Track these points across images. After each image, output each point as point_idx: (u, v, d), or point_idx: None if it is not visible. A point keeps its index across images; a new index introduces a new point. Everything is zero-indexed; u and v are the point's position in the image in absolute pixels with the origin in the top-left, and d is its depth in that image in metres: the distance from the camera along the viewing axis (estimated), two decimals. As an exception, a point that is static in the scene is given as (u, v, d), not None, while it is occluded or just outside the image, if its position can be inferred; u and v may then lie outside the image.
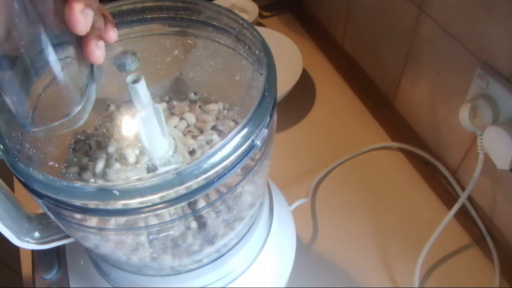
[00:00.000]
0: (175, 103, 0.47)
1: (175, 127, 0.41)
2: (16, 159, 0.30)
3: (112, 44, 0.32)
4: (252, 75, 0.41)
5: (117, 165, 0.38)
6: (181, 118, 0.43)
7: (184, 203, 0.32)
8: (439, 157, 0.67)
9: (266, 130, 0.33)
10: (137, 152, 0.38)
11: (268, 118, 0.34)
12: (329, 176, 0.70)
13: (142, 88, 0.33)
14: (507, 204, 0.55)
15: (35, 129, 0.29)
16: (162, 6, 0.41)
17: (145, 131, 0.35)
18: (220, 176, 0.31)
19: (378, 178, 0.69)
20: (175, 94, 0.49)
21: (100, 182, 0.38)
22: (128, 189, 0.29)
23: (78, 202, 0.32)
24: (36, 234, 0.40)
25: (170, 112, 0.44)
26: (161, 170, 0.37)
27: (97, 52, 0.29)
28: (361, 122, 0.77)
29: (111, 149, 0.40)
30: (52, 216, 0.34)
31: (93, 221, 0.32)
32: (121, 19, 0.41)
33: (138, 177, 0.30)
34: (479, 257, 0.60)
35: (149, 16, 0.42)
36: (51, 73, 0.28)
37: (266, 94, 0.34)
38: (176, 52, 0.45)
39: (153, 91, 0.42)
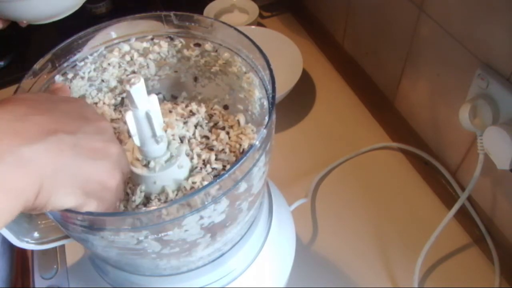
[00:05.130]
0: (175, 103, 0.47)
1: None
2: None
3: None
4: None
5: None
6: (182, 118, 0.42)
7: (183, 203, 0.32)
8: (439, 157, 0.67)
9: (265, 130, 0.33)
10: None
11: (267, 119, 0.34)
12: (329, 176, 0.70)
13: (139, 90, 0.33)
14: (507, 204, 0.55)
15: None
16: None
17: (137, 131, 0.35)
18: (220, 176, 0.31)
19: (378, 178, 0.69)
20: (175, 93, 0.49)
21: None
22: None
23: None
24: (36, 234, 0.40)
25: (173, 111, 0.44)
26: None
27: None
28: (361, 122, 0.77)
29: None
30: (51, 217, 0.34)
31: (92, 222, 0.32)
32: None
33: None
34: (479, 257, 0.60)
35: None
36: None
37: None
38: (175, 52, 0.45)
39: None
